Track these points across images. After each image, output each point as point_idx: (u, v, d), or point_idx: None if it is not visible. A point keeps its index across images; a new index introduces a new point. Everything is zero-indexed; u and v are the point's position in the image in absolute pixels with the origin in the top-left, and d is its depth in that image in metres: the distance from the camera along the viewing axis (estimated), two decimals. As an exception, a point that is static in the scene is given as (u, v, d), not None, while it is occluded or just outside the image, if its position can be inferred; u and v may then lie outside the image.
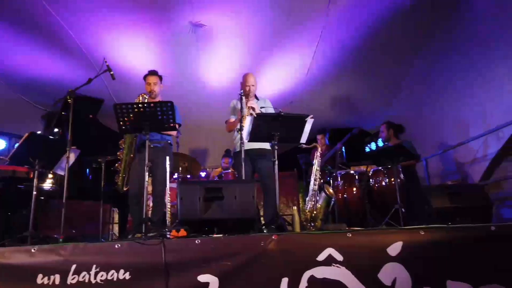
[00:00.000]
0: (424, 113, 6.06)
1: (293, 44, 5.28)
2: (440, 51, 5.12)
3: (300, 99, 6.48)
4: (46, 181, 4.18)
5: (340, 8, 4.68)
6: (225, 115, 4.36)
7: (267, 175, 3.77)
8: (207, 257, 2.42)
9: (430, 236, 2.48)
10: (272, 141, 3.42)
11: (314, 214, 3.66)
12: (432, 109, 5.85)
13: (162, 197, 3.83)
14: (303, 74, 5.92)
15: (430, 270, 2.40)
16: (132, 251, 2.43)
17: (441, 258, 2.43)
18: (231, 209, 2.95)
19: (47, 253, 2.36)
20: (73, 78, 4.85)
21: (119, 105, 3.22)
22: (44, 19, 4.42)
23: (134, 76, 5.31)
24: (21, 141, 3.43)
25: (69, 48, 4.98)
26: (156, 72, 4.07)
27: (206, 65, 5.70)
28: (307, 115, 3.37)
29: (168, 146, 4.03)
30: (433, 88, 5.67)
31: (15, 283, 2.27)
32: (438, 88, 5.57)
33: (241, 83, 4.08)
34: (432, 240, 2.47)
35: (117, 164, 3.98)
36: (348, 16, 4.83)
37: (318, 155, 3.85)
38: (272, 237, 2.51)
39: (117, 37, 4.91)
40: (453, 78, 5.19)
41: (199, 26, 4.86)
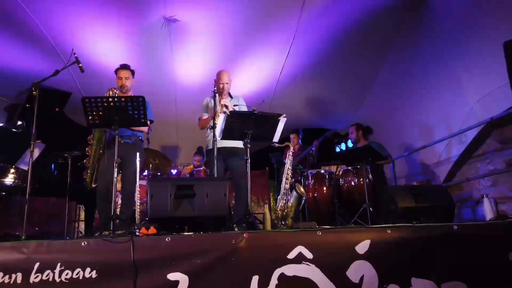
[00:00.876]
0: (391, 116, 6.24)
1: (267, 44, 5.31)
2: (406, 56, 5.30)
3: (273, 98, 6.53)
4: (8, 176, 3.99)
5: (313, 12, 4.76)
6: (198, 112, 4.32)
7: (239, 173, 3.77)
8: (177, 255, 2.39)
9: (396, 235, 2.57)
10: (245, 140, 3.42)
11: (285, 212, 3.69)
12: (399, 112, 6.04)
13: (131, 194, 3.75)
14: (276, 73, 5.97)
15: (396, 267, 2.48)
16: (100, 249, 2.36)
17: (407, 256, 2.52)
18: (202, 207, 2.92)
19: (7, 250, 2.25)
20: (39, 69, 4.65)
21: (88, 98, 3.12)
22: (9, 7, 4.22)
23: (104, 69, 5.17)
24: (-19, 134, 3.26)
25: (35, 38, 4.77)
26: (128, 66, 3.97)
27: (179, 61, 5.62)
28: (280, 114, 3.40)
29: (139, 142, 3.95)
30: (399, 92, 5.85)
31: (-28, 283, 2.16)
32: (404, 92, 5.75)
33: (215, 80, 4.06)
34: (399, 238, 2.56)
35: (86, 160, 3.86)
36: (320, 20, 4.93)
37: (290, 154, 3.89)
38: (243, 235, 2.51)
39: (86, 28, 4.75)
40: (418, 83, 5.37)
41: (172, 21, 4.79)
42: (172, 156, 7.35)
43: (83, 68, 3.62)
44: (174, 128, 7.12)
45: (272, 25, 4.95)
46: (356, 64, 5.73)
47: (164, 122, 6.19)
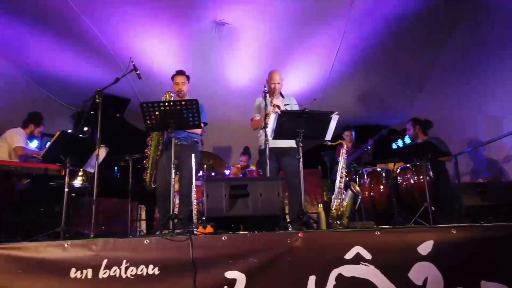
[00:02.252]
0: (452, 109, 5.88)
1: (317, 40, 5.23)
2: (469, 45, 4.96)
3: (324, 96, 6.41)
4: (77, 179, 4.31)
5: (363, 6, 4.61)
6: (249, 113, 4.37)
7: (292, 173, 3.75)
8: (234, 254, 2.43)
9: (462, 235, 2.41)
10: (297, 139, 3.40)
11: (340, 212, 3.61)
12: (461, 104, 5.67)
13: (188, 195, 3.87)
14: (326, 71, 5.86)
15: (463, 269, 2.33)
16: (160, 247, 2.46)
17: (475, 258, 2.36)
18: (256, 206, 2.95)
19: (79, 248, 2.42)
20: (101, 78, 4.95)
21: (145, 103, 3.28)
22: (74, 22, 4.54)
23: (159, 75, 5.40)
24: (52, 140, 3.54)
25: (97, 49, 5.09)
26: (183, 72, 4.13)
27: (229, 64, 5.72)
28: (332, 112, 3.34)
29: (194, 144, 4.08)
30: (459, 84, 5.50)
31: (49, 277, 2.34)
32: (465, 84, 5.40)
33: (267, 80, 4.08)
34: (465, 239, 2.40)
35: (145, 161, 4.07)
36: (372, 12, 4.75)
37: (344, 152, 3.80)
38: (298, 234, 2.49)
39: (142, 37, 4.98)
40: (481, 74, 5.01)
41: (222, 24, 4.88)
42: (225, 157, 7.49)
43: (140, 74, 3.82)
44: (226, 129, 7.25)
45: (321, 22, 4.88)
46: (411, 57, 5.47)
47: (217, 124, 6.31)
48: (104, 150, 3.72)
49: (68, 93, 6.13)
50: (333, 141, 3.66)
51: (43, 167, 3.95)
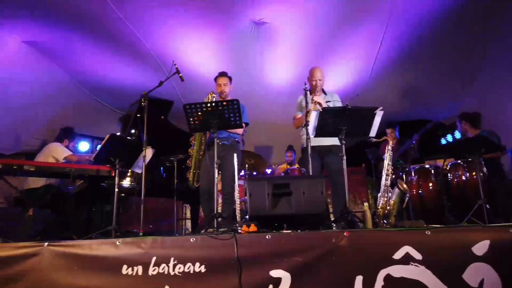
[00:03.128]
0: (505, 100, 5.51)
1: (358, 35, 5.09)
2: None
3: (367, 91, 6.24)
4: (126, 179, 4.49)
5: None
6: (291, 111, 4.35)
7: (336, 171, 3.69)
8: (278, 253, 2.42)
9: (522, 235, 2.25)
10: (340, 136, 3.34)
11: (386, 210, 3.50)
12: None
13: (231, 193, 3.92)
14: (369, 66, 5.70)
15: (524, 272, 2.17)
16: (206, 245, 2.50)
17: (538, 259, 2.19)
18: (299, 205, 2.93)
19: (130, 246, 2.51)
20: (146, 82, 5.13)
21: (188, 105, 3.35)
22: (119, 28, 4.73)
23: (200, 76, 5.50)
24: (103, 143, 3.71)
25: (142, 54, 5.28)
26: (226, 73, 4.20)
27: (269, 63, 5.71)
28: (376, 108, 3.24)
29: (236, 144, 4.13)
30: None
31: (103, 273, 2.45)
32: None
33: (308, 78, 4.04)
34: (526, 239, 2.24)
35: (188, 161, 4.17)
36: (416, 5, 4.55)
37: (389, 149, 3.67)
38: (343, 233, 2.44)
39: (183, 40, 5.10)
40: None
41: (260, 24, 4.89)
42: (266, 156, 7.51)
43: (183, 77, 3.92)
44: (267, 129, 7.26)
45: (362, 16, 4.74)
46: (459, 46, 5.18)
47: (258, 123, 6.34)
48: (150, 151, 3.85)
49: (116, 98, 6.41)
50: (377, 138, 3.56)
51: (95, 168, 4.15)
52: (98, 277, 2.44)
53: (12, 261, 2.53)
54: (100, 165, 4.10)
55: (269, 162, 7.73)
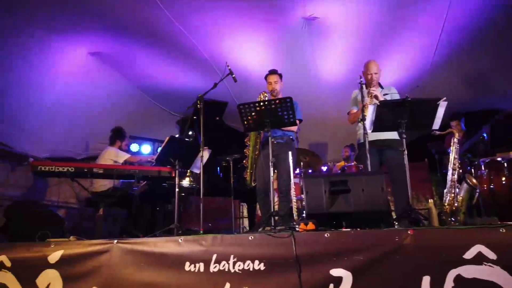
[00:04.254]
0: None
1: (415, 24, 4.83)
2: None
3: (428, 82, 5.90)
4: (185, 179, 4.66)
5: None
6: (345, 107, 4.24)
7: (396, 166, 3.53)
8: (338, 251, 2.36)
9: None
10: (399, 130, 3.19)
11: (454, 207, 3.28)
12: None
13: (287, 191, 3.91)
14: (429, 55, 5.38)
15: None
16: (264, 243, 2.52)
17: None
18: (358, 202, 2.84)
19: (191, 243, 2.60)
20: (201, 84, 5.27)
21: (242, 105, 3.39)
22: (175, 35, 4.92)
23: (252, 76, 5.55)
24: (163, 145, 3.88)
25: (196, 58, 5.44)
26: (276, 71, 4.19)
27: (321, 58, 5.61)
28: (440, 98, 3.05)
29: (290, 142, 4.10)
30: None
31: (167, 269, 2.56)
32: None
33: (363, 72, 3.91)
34: None
35: (244, 161, 4.22)
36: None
37: (455, 141, 3.43)
38: (407, 232, 2.33)
39: (235, 41, 5.17)
40: None
41: (311, 19, 4.81)
42: (321, 153, 7.40)
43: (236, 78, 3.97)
44: (322, 125, 7.15)
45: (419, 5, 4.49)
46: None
47: (312, 120, 6.27)
48: (207, 151, 3.95)
49: (174, 101, 6.67)
50: (441, 131, 3.35)
51: (157, 169, 4.35)
52: (163, 273, 2.55)
53: (86, 258, 2.73)
54: (161, 166, 4.28)
55: (324, 160, 7.60)
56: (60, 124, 5.75)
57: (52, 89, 5.29)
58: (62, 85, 5.33)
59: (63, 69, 5.19)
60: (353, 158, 6.50)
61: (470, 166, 4.30)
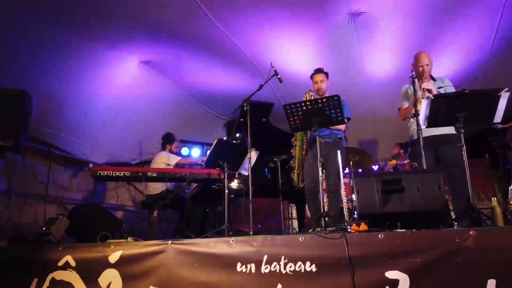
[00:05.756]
0: None
1: (472, 12, 4.52)
2: None
3: (487, 72, 5.51)
4: (234, 181, 4.73)
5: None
6: (394, 104, 4.09)
7: (454, 163, 3.34)
8: (394, 253, 2.28)
9: None
10: (457, 124, 3.01)
11: (521, 206, 3.04)
12: None
13: (337, 192, 3.84)
14: (488, 42, 5.02)
15: None
16: (315, 244, 2.49)
17: None
18: (414, 202, 2.72)
19: (242, 244, 2.63)
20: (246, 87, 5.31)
21: (288, 105, 3.38)
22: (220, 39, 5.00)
23: (298, 75, 5.50)
24: (212, 148, 3.97)
25: (241, 60, 5.50)
26: (321, 69, 4.14)
27: (369, 55, 5.44)
28: (501, 89, 2.85)
29: (338, 141, 4.02)
30: None
31: (220, 270, 2.61)
32: None
33: (413, 64, 3.74)
34: None
35: (292, 161, 4.20)
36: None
37: (520, 134, 3.19)
38: (469, 232, 2.20)
39: (279, 41, 5.15)
40: None
41: (357, 14, 4.68)
42: (371, 152, 7.18)
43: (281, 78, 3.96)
44: (371, 122, 6.93)
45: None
46: None
47: (361, 118, 6.09)
48: (255, 153, 3.98)
49: (220, 105, 6.79)
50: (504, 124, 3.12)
51: (206, 172, 4.45)
52: (216, 274, 2.60)
53: (143, 258, 2.85)
54: (211, 169, 4.37)
55: (375, 158, 7.36)
56: (116, 131, 6.07)
57: (106, 98, 5.59)
58: (116, 93, 5.62)
59: (117, 78, 5.47)
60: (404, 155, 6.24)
61: (537, 161, 3.97)
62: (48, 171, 5.20)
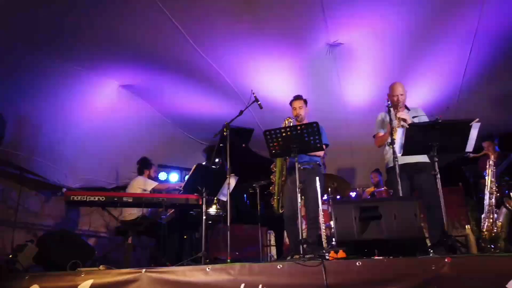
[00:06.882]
0: None
1: (444, 45, 4.76)
2: None
3: (459, 103, 5.75)
4: (212, 207, 4.66)
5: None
6: (371, 132, 4.17)
7: (429, 191, 3.40)
8: (372, 281, 2.28)
9: None
10: (431, 153, 3.10)
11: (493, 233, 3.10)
12: None
13: (316, 218, 3.83)
14: (459, 75, 5.26)
15: None
16: (293, 272, 2.46)
17: None
18: (391, 229, 2.74)
19: (219, 272, 2.57)
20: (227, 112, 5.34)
21: (268, 131, 3.40)
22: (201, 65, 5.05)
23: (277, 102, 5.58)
24: (190, 172, 3.93)
25: (222, 87, 5.55)
26: (301, 96, 4.21)
27: (346, 83, 5.60)
28: (472, 119, 2.96)
29: (317, 167, 4.06)
30: None
31: (195, 299, 2.52)
32: None
33: (388, 94, 3.87)
34: None
35: (271, 188, 4.19)
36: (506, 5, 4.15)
37: (491, 164, 3.30)
38: (444, 259, 2.22)
39: (259, 68, 5.24)
40: None
41: (336, 45, 4.84)
42: (349, 179, 7.25)
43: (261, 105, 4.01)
44: (349, 150, 7.05)
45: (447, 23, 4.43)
46: None
47: (339, 145, 6.20)
48: (234, 178, 3.96)
49: (200, 130, 6.78)
50: (475, 153, 3.23)
51: (184, 197, 4.38)
52: (192, 303, 2.51)
53: (115, 287, 2.73)
54: (189, 194, 4.31)
55: (353, 185, 7.44)
56: (92, 155, 5.93)
57: (84, 122, 5.50)
58: (94, 117, 5.54)
59: (95, 102, 5.41)
60: (382, 183, 6.34)
61: (508, 190, 4.10)
62: (18, 196, 5.00)
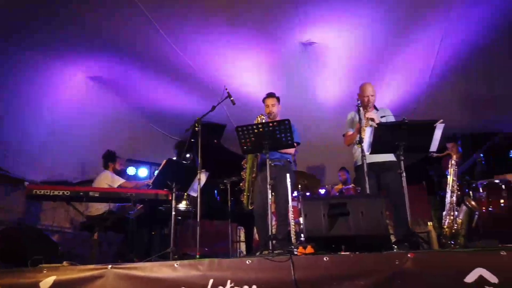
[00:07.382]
0: None
1: (412, 48, 4.92)
2: None
3: (425, 105, 5.96)
4: (182, 203, 4.61)
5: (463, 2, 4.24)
6: (341, 129, 4.25)
7: (395, 189, 3.52)
8: (338, 276, 2.33)
9: None
10: (397, 152, 3.20)
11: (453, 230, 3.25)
12: None
13: (285, 215, 3.87)
14: (425, 78, 5.46)
15: None
16: (262, 268, 2.48)
17: None
18: (358, 226, 2.81)
19: (187, 268, 2.55)
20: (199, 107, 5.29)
21: (240, 127, 3.40)
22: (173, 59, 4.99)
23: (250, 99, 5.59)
24: (160, 168, 3.86)
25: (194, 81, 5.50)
26: (273, 94, 4.23)
27: (319, 82, 5.68)
28: (436, 120, 3.08)
29: (288, 164, 4.09)
30: None
31: (162, 295, 2.49)
32: None
33: (359, 94, 3.95)
34: None
35: (241, 184, 4.19)
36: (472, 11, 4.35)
37: (453, 163, 3.44)
38: (407, 255, 2.30)
39: (233, 65, 5.24)
40: None
41: (308, 44, 4.90)
42: (319, 176, 7.37)
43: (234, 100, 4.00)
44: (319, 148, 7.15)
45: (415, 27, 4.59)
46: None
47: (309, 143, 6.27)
48: (204, 174, 3.93)
49: (172, 125, 6.69)
50: (439, 153, 3.36)
51: (153, 192, 4.31)
52: (159, 299, 2.48)
53: (79, 284, 2.65)
54: (158, 189, 4.24)
55: (322, 182, 7.57)
56: (58, 148, 5.73)
57: (50, 113, 5.30)
58: (60, 109, 5.35)
59: (62, 93, 5.22)
60: (350, 180, 6.48)
61: (468, 189, 4.29)
62: (-24, 189, 4.76)
